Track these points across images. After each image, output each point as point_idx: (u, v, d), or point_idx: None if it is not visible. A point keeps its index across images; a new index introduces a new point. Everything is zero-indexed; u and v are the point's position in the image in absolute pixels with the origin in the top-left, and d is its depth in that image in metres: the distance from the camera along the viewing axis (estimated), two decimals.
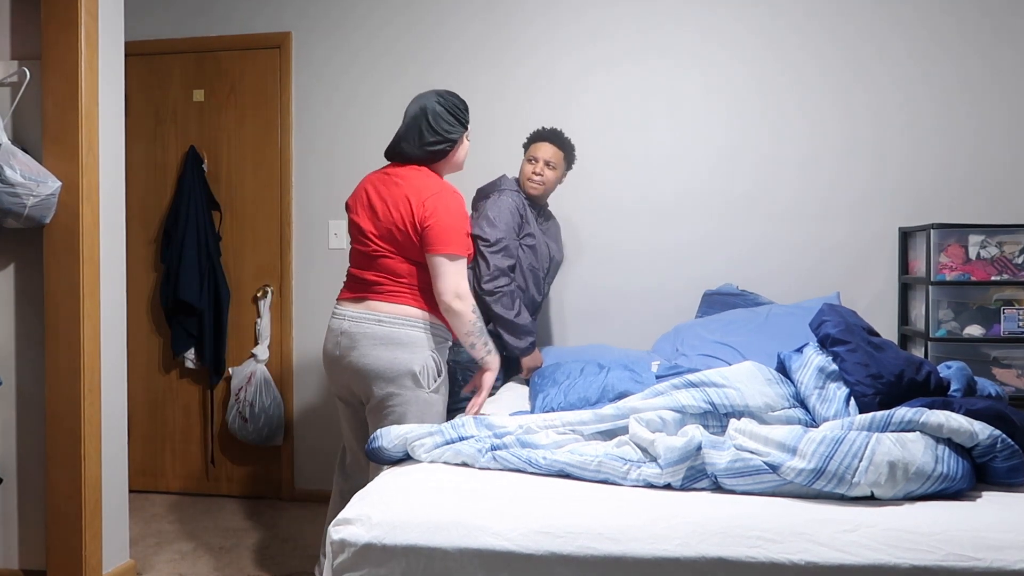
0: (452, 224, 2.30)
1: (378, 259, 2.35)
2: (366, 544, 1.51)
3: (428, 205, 2.29)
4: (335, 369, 2.41)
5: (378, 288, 2.35)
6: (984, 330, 3.14)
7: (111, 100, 2.82)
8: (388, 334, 2.30)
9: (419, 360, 2.31)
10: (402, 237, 2.32)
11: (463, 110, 2.44)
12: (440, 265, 2.28)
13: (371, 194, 2.40)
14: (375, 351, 2.30)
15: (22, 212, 2.55)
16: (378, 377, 2.30)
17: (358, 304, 2.37)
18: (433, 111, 2.37)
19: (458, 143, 2.44)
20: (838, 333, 1.98)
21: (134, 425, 3.87)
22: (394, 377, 2.29)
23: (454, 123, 2.41)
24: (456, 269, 2.30)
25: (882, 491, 1.56)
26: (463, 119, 2.44)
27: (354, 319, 2.34)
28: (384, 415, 2.32)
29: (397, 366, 2.29)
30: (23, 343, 2.76)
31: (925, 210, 3.44)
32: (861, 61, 3.49)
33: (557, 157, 2.97)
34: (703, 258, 3.58)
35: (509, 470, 1.79)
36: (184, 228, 3.83)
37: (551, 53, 3.68)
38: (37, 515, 2.76)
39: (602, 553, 1.45)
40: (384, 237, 2.34)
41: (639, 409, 1.90)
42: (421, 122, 2.37)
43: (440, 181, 2.39)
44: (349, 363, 2.34)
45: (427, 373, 2.31)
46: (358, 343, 2.32)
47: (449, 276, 2.28)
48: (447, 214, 2.30)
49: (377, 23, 3.81)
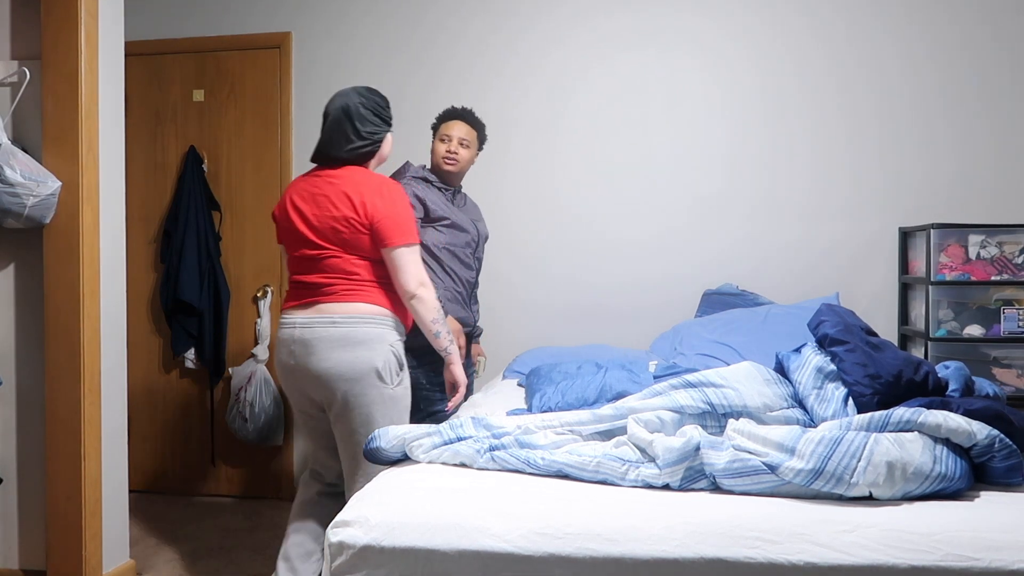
0: (401, 214, 2.27)
1: (323, 261, 2.28)
2: (364, 546, 1.51)
3: (373, 201, 2.24)
4: (291, 379, 2.34)
5: (328, 290, 2.28)
6: (984, 330, 3.14)
7: (111, 100, 2.82)
8: (344, 334, 2.24)
9: (380, 356, 2.25)
10: (348, 234, 2.26)
11: (385, 107, 2.38)
12: (399, 257, 2.25)
13: (301, 200, 2.32)
14: (334, 354, 2.23)
15: (22, 212, 2.55)
16: (340, 379, 2.24)
17: (307, 309, 2.29)
18: (357, 114, 2.31)
19: (383, 141, 2.40)
20: (836, 333, 1.98)
21: (134, 425, 3.87)
22: (358, 377, 2.23)
23: (379, 123, 2.36)
24: (414, 258, 2.27)
25: (880, 491, 1.56)
26: (386, 117, 2.39)
27: (306, 324, 2.27)
28: (351, 417, 2.26)
29: (359, 365, 2.23)
30: (23, 343, 2.76)
31: (925, 210, 3.43)
32: (863, 62, 3.49)
33: (471, 136, 2.87)
34: (703, 257, 3.57)
35: (507, 471, 1.79)
36: (184, 228, 3.84)
37: (552, 53, 3.68)
38: (37, 515, 2.76)
39: (601, 554, 1.45)
40: (327, 238, 2.28)
41: (637, 409, 1.90)
42: (345, 126, 2.31)
43: (377, 176, 2.35)
44: (308, 370, 2.27)
45: (389, 369, 2.26)
46: (314, 348, 2.25)
47: (409, 266, 2.25)
48: (394, 205, 2.26)
49: (377, 23, 3.81)
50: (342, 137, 2.32)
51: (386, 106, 2.39)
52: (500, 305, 3.58)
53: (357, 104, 2.32)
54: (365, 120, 2.32)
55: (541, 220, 3.69)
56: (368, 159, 2.38)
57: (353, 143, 2.32)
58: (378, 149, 2.38)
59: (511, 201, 3.66)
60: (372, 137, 2.34)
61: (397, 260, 2.25)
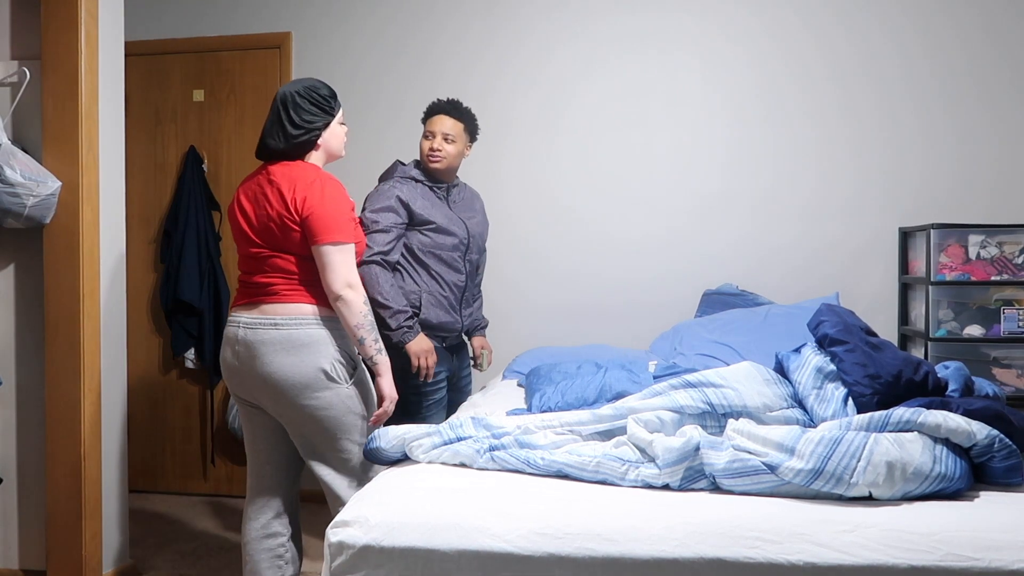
0: (332, 211, 2.16)
1: (266, 260, 2.21)
2: (364, 546, 1.52)
3: (303, 196, 2.15)
4: (235, 379, 2.26)
5: (271, 290, 2.20)
6: (984, 330, 3.14)
7: (111, 100, 2.82)
8: (287, 337, 2.16)
9: (326, 358, 2.17)
10: (280, 232, 2.18)
11: (326, 97, 2.30)
12: (326, 255, 2.15)
13: (246, 198, 2.26)
14: (278, 358, 2.15)
15: (22, 212, 2.55)
16: (289, 385, 2.14)
17: (252, 309, 2.21)
18: (293, 103, 2.24)
19: (324, 131, 2.30)
20: (836, 333, 1.98)
21: (134, 425, 3.88)
22: (307, 382, 2.14)
23: (317, 112, 2.27)
24: (343, 258, 2.16)
25: (880, 491, 1.57)
26: (326, 107, 2.29)
27: (248, 325, 2.19)
28: (312, 421, 2.17)
29: (305, 369, 2.14)
30: (23, 343, 2.76)
31: (925, 210, 3.43)
32: (863, 61, 3.49)
33: (456, 129, 2.74)
34: (703, 257, 3.57)
35: (507, 471, 1.79)
36: (184, 228, 3.84)
37: (552, 52, 3.68)
38: (37, 515, 2.76)
39: (600, 554, 1.46)
40: (263, 237, 2.21)
41: (637, 409, 1.90)
42: (282, 114, 2.24)
43: (315, 170, 2.24)
44: (253, 374, 2.18)
45: (338, 368, 2.18)
46: (257, 352, 2.16)
47: (337, 266, 2.15)
48: (325, 201, 2.16)
49: (377, 23, 3.81)
50: (279, 127, 2.24)
51: (328, 96, 2.30)
52: (500, 305, 3.58)
53: (294, 92, 2.25)
54: (300, 108, 2.24)
55: (541, 220, 3.69)
56: (307, 150, 2.28)
57: (289, 132, 2.23)
58: (316, 138, 2.28)
59: (511, 201, 3.66)
60: (308, 126, 2.24)
61: (324, 258, 2.16)
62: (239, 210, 2.26)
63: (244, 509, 2.35)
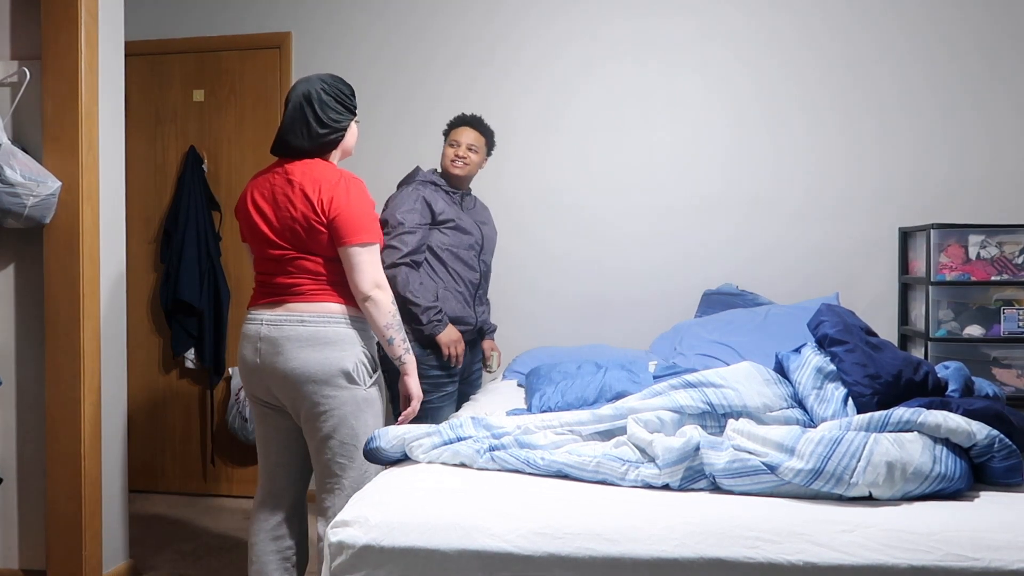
0: (358, 212, 2.15)
1: (290, 262, 2.18)
2: (364, 546, 1.52)
3: (329, 196, 2.13)
4: (255, 377, 2.22)
5: (297, 290, 2.18)
6: (984, 330, 3.14)
7: (111, 100, 2.82)
8: (313, 334, 2.14)
9: (351, 357, 2.16)
10: (307, 234, 2.15)
11: (349, 96, 2.29)
12: (355, 256, 2.14)
13: (262, 198, 2.21)
14: (302, 353, 2.13)
15: (22, 212, 2.55)
16: (309, 380, 2.13)
17: (276, 307, 2.18)
18: (319, 100, 2.21)
19: (347, 130, 2.29)
20: (836, 333, 1.98)
21: (134, 425, 3.88)
22: (327, 378, 2.14)
23: (342, 111, 2.25)
24: (371, 258, 2.16)
25: (880, 491, 1.57)
26: (350, 105, 2.28)
27: (273, 322, 2.16)
28: (323, 420, 2.16)
29: (328, 366, 2.14)
30: (23, 343, 2.76)
31: (925, 210, 3.43)
32: (862, 62, 3.49)
33: (479, 141, 2.99)
34: (703, 257, 3.58)
35: (507, 471, 1.79)
36: (184, 228, 3.84)
37: (555, 58, 3.68)
38: (37, 515, 2.76)
39: (600, 554, 1.46)
40: (287, 238, 2.18)
41: (637, 409, 1.90)
42: (307, 112, 2.21)
43: (337, 170, 2.21)
44: (274, 370, 2.16)
45: (360, 370, 2.18)
46: (282, 347, 2.14)
47: (365, 266, 2.15)
48: (351, 203, 2.14)
49: (377, 23, 3.81)
50: (303, 124, 2.21)
51: (351, 94, 2.29)
52: (501, 305, 3.57)
53: (319, 90, 2.22)
54: (327, 107, 2.22)
55: (541, 220, 3.69)
56: (330, 149, 2.26)
57: (315, 131, 2.21)
58: (341, 139, 2.27)
59: (511, 203, 3.66)
60: (334, 125, 2.23)
61: (352, 259, 2.15)
62: (255, 210, 2.22)
63: (253, 510, 2.35)
